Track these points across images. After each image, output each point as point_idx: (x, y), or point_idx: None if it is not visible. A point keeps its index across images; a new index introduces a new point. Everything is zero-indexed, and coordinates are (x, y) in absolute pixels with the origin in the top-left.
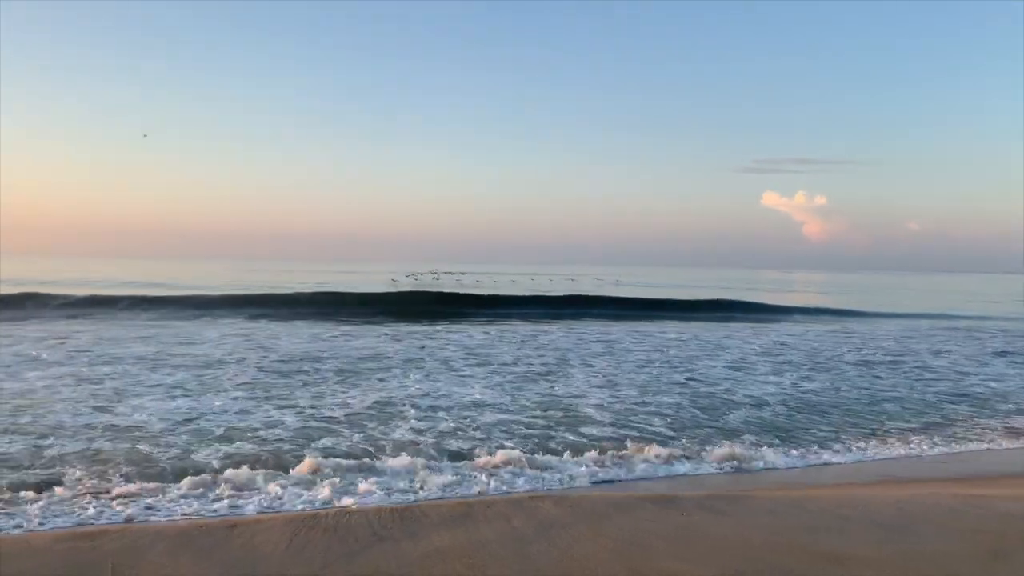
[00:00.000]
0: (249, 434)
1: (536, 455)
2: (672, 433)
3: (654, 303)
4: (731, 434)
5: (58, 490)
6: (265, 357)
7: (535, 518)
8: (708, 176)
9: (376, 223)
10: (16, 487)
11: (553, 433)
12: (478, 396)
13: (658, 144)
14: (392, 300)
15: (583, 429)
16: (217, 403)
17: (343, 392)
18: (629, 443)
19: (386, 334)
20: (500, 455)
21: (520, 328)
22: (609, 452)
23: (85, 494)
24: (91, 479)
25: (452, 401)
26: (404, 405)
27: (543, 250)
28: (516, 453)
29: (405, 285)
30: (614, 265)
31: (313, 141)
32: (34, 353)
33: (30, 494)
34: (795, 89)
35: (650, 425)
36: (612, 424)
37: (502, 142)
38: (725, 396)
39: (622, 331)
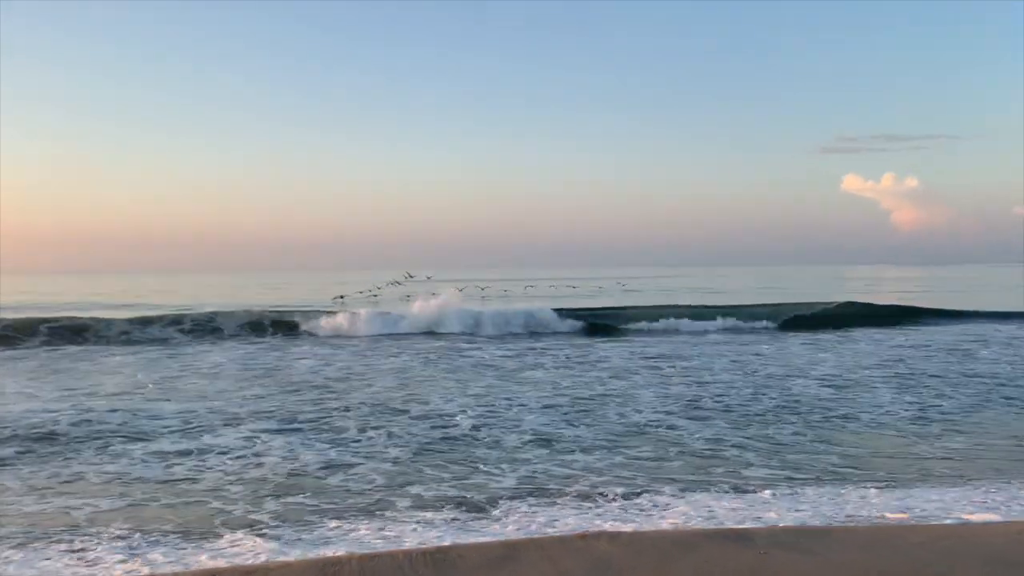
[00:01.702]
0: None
1: None
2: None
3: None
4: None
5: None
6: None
7: (588, 559)
8: (776, 160)
9: (366, 227)
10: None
11: None
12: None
13: (711, 125)
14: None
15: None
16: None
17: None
18: None
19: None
20: None
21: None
22: None
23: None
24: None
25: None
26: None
27: (574, 250)
28: None
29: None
30: (664, 266)
31: (301, 142)
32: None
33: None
34: (877, 55)
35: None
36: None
37: (523, 128)
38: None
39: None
